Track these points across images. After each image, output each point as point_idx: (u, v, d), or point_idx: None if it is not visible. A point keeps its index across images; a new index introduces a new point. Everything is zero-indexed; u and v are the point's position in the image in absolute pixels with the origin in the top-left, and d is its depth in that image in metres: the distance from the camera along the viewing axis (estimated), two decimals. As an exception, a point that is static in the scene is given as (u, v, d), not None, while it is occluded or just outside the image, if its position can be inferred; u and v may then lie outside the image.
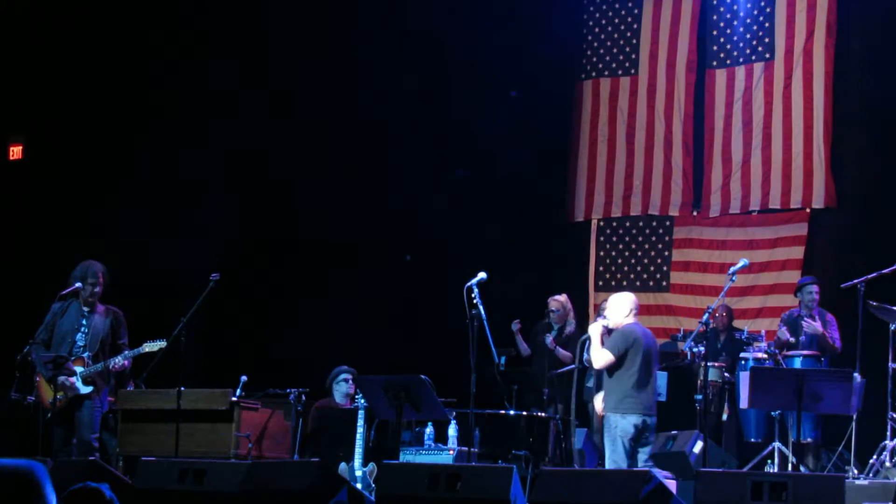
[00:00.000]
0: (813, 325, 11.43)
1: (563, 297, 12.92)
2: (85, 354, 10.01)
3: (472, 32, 14.45)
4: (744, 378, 10.79)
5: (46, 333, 10.11)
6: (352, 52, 14.91)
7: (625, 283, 14.39)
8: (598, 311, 13.03)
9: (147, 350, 10.01)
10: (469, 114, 14.35)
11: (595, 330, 9.81)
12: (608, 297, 13.55)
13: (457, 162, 14.62)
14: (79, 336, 10.09)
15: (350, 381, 11.28)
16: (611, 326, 9.79)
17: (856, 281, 10.32)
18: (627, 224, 14.55)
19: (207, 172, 15.01)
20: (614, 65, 14.74)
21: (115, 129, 14.86)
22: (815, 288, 11.67)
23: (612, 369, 9.63)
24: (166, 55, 14.78)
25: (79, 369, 9.96)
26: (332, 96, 14.95)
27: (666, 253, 14.30)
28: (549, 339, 12.53)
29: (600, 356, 9.66)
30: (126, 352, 10.05)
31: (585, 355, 12.60)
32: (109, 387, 10.35)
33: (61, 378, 9.89)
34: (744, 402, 10.95)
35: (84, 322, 10.12)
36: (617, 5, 14.80)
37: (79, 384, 9.95)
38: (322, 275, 14.75)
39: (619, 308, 9.84)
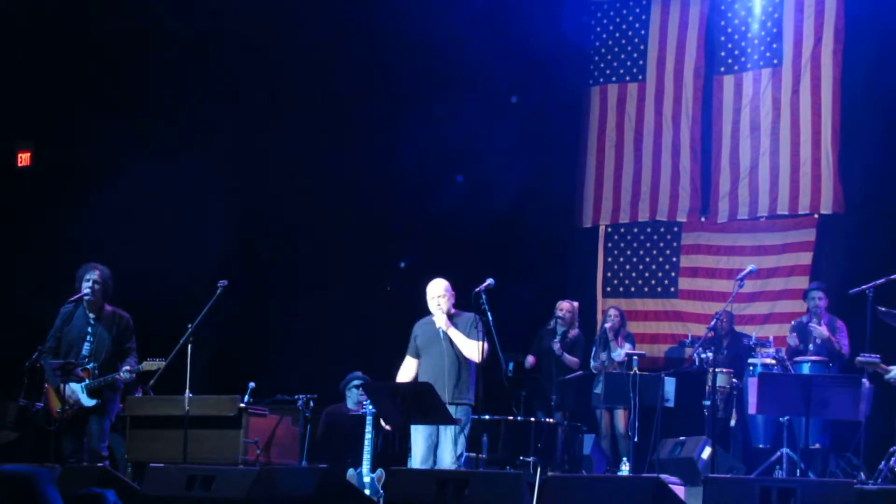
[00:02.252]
0: (819, 329, 11.42)
1: (574, 304, 12.93)
2: (90, 365, 10.00)
3: (479, 38, 14.46)
4: (752, 384, 10.77)
5: (55, 340, 10.10)
6: (354, 55, 14.93)
7: (633, 288, 14.40)
8: (605, 318, 13.07)
9: (146, 368, 10.00)
10: (478, 120, 14.35)
11: (447, 322, 9.39)
12: (616, 303, 13.68)
13: (463, 166, 14.60)
14: (84, 346, 10.07)
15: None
16: (446, 312, 9.44)
17: (864, 287, 10.29)
18: (635, 230, 14.55)
19: (212, 177, 15.03)
20: (622, 71, 14.75)
21: (120, 135, 14.87)
22: (819, 294, 11.67)
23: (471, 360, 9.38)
24: (167, 57, 14.82)
25: (85, 381, 9.94)
26: (334, 98, 14.97)
27: (674, 259, 14.29)
28: (556, 345, 12.53)
29: (476, 348, 9.28)
30: (128, 368, 10.00)
31: (593, 362, 12.66)
32: (118, 394, 10.32)
33: (68, 390, 9.87)
34: (752, 408, 10.91)
35: (90, 330, 10.11)
36: (624, 11, 14.82)
37: (83, 397, 9.93)
38: (331, 281, 14.76)
39: (449, 293, 9.53)
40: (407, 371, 9.66)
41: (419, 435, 9.26)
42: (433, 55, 14.48)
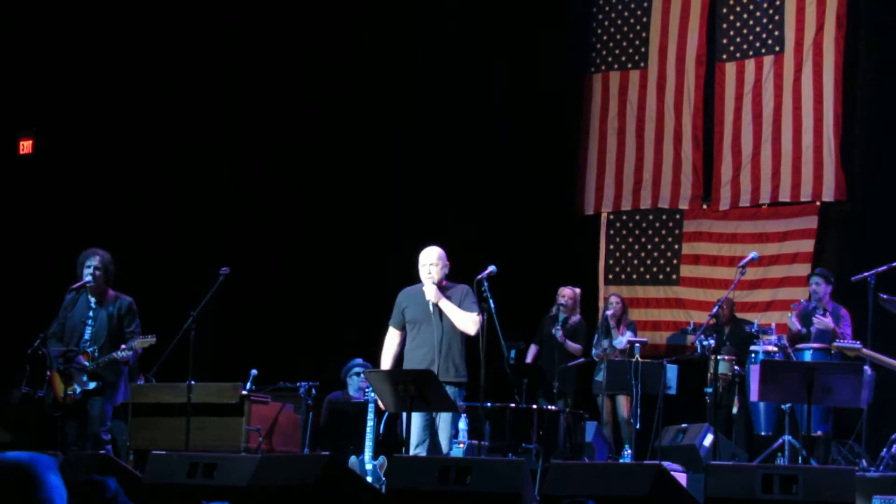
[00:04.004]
0: (823, 321, 11.40)
1: (575, 290, 12.93)
2: (90, 349, 9.99)
3: (480, 26, 14.45)
4: (754, 371, 10.78)
5: (58, 326, 10.11)
6: (356, 45, 14.92)
7: (634, 276, 14.40)
8: (606, 305, 13.06)
9: (138, 345, 9.91)
10: (478, 108, 14.34)
11: (437, 293, 9.04)
12: (617, 290, 13.67)
13: (466, 156, 14.58)
14: (86, 330, 10.07)
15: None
16: (436, 283, 9.10)
17: (866, 274, 10.30)
18: (637, 217, 14.53)
19: (216, 165, 15.04)
20: (624, 58, 14.71)
21: (123, 126, 14.88)
22: (816, 280, 11.62)
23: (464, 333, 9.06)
24: (171, 55, 14.83)
25: (86, 364, 9.94)
26: (334, 93, 14.96)
27: (676, 246, 14.28)
28: (559, 331, 12.52)
29: (471, 320, 8.98)
30: (124, 347, 9.91)
31: (595, 350, 12.65)
32: (123, 379, 10.28)
33: (72, 372, 9.88)
34: (754, 395, 10.93)
35: (91, 315, 10.10)
36: (626, -2, 14.79)
37: (85, 379, 9.93)
38: (332, 268, 14.76)
39: (443, 262, 9.18)
40: (391, 344, 9.31)
41: (415, 417, 9.04)
42: (436, 46, 14.47)
